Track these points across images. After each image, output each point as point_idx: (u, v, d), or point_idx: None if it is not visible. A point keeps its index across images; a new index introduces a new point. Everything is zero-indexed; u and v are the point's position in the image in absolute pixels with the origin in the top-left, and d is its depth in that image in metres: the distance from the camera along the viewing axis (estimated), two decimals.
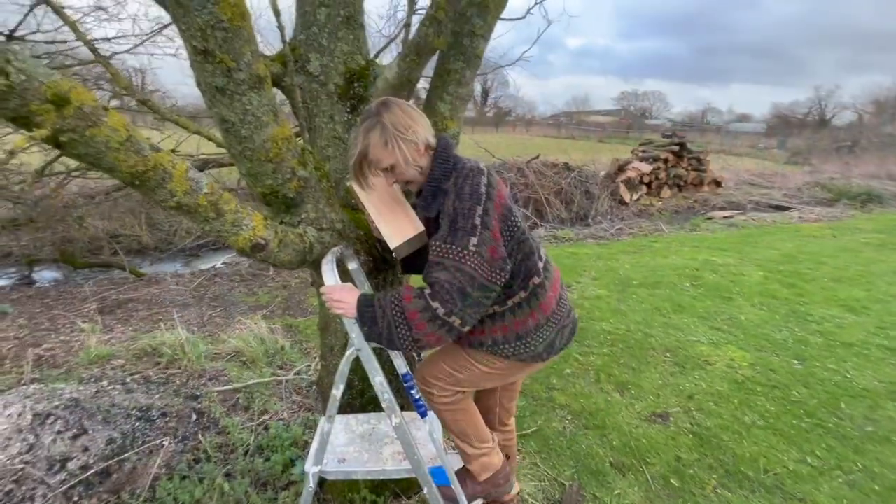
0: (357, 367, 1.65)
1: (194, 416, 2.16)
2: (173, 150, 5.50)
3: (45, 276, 5.33)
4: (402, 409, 1.32)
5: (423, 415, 1.28)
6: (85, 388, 2.08)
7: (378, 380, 1.23)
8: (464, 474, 1.50)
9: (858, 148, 20.39)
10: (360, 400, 1.77)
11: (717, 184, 10.98)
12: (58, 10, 1.49)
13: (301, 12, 1.55)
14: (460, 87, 1.70)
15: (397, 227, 1.33)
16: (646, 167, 9.83)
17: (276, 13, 1.35)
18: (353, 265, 1.46)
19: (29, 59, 0.60)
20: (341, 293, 1.21)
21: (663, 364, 3.16)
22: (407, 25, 1.64)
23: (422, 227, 1.33)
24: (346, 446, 1.47)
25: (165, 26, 3.74)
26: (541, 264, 1.32)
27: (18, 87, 0.58)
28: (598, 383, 2.92)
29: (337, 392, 1.25)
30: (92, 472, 1.65)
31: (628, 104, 62.65)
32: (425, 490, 1.31)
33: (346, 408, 1.75)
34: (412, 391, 1.27)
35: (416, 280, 1.53)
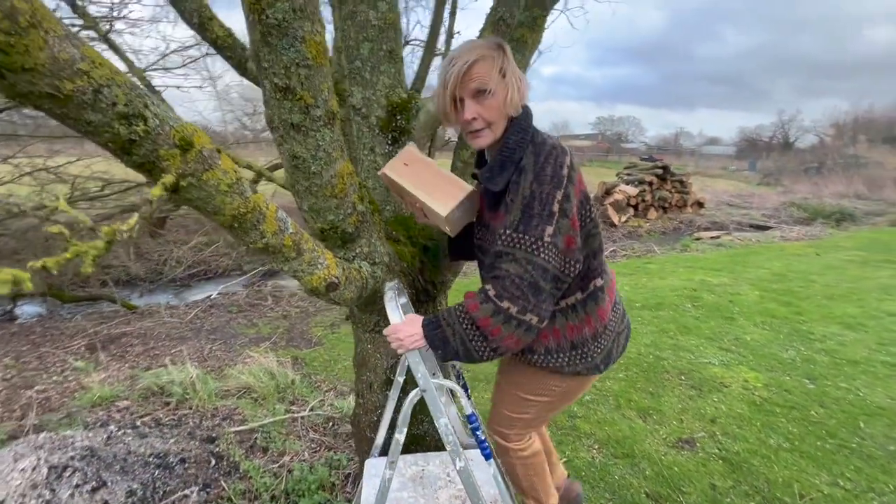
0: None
1: (213, 461, 2.04)
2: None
3: (28, 310, 5.07)
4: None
5: (488, 457, 1.23)
6: (95, 434, 1.94)
7: (443, 421, 1.18)
8: None
9: (825, 169, 21.44)
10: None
11: (700, 205, 11.33)
12: (114, 46, 1.46)
13: (344, 46, 1.56)
14: None
15: (443, 193, 1.18)
16: (632, 190, 10.09)
17: (337, 50, 1.35)
18: (403, 300, 1.43)
19: (160, 102, 0.57)
20: (406, 329, 1.15)
21: (680, 387, 3.15)
22: (443, 58, 1.66)
23: (470, 187, 1.20)
24: (399, 491, 1.39)
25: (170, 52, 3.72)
26: (604, 264, 1.21)
27: (153, 132, 0.55)
28: (620, 409, 2.89)
29: (400, 436, 1.19)
30: None
31: (605, 129, 64.77)
32: None
33: (385, 448, 1.68)
34: (478, 432, 1.22)
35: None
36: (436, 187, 1.20)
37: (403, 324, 1.17)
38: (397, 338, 1.15)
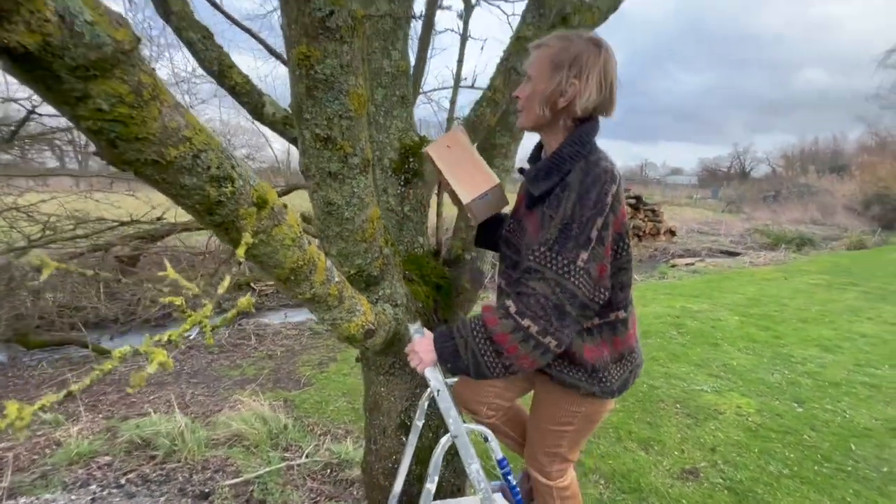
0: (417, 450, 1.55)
1: None
2: (133, 220, 5.25)
3: None
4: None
5: (520, 502, 1.20)
6: (78, 496, 1.79)
7: (475, 467, 1.15)
8: None
9: (781, 197, 22.78)
10: (418, 486, 1.64)
11: (672, 233, 11.78)
12: None
13: None
14: (506, 160, 1.78)
15: (470, 181, 1.24)
16: None
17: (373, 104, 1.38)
18: None
19: (243, 162, 0.57)
20: (422, 343, 1.13)
21: (676, 416, 3.18)
22: (452, 102, 1.72)
23: (496, 181, 1.25)
24: None
25: None
26: (629, 299, 1.22)
27: (237, 192, 0.55)
28: (621, 442, 2.87)
29: (431, 486, 1.15)
30: None
31: None
32: None
33: (403, 496, 1.61)
34: (509, 477, 1.19)
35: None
36: (466, 174, 1.25)
37: (421, 340, 1.15)
38: (414, 352, 1.13)
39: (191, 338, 5.27)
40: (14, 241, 4.42)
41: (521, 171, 1.24)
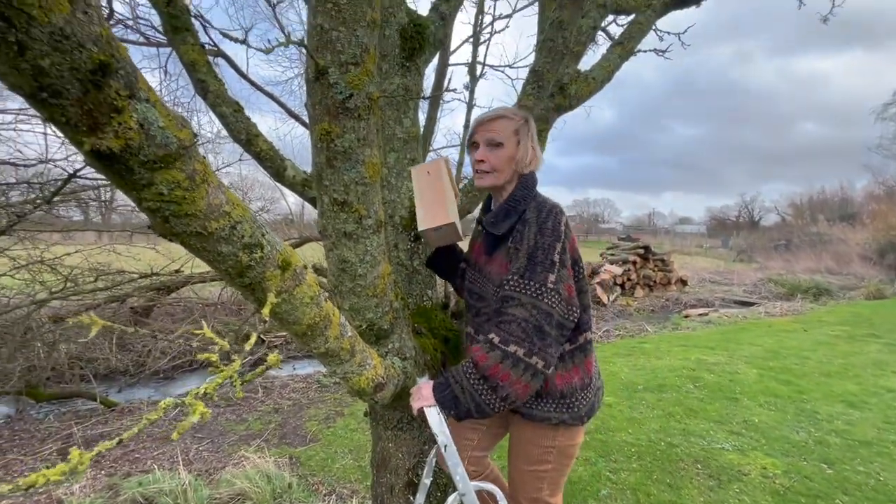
0: None
1: None
2: (153, 273, 5.43)
3: None
4: None
5: None
6: None
7: None
8: None
9: (793, 246, 22.60)
10: None
11: (683, 282, 11.66)
12: None
13: None
14: None
15: (431, 212, 1.34)
16: (617, 269, 10.41)
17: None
18: None
19: (270, 230, 0.64)
20: (423, 386, 1.20)
21: (697, 477, 3.02)
22: (459, 164, 1.83)
23: (454, 219, 1.34)
24: None
25: None
26: (592, 321, 1.32)
27: (266, 257, 0.62)
28: None
29: None
30: None
31: (582, 211, 68.16)
32: None
33: None
34: None
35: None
36: (430, 204, 1.36)
37: (425, 384, 1.22)
38: (418, 390, 1.19)
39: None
40: (36, 292, 4.55)
41: (479, 221, 1.39)
